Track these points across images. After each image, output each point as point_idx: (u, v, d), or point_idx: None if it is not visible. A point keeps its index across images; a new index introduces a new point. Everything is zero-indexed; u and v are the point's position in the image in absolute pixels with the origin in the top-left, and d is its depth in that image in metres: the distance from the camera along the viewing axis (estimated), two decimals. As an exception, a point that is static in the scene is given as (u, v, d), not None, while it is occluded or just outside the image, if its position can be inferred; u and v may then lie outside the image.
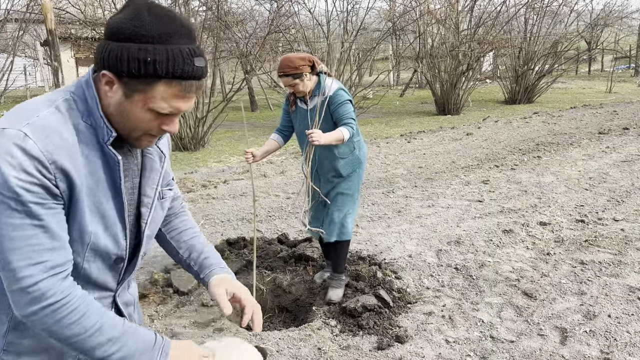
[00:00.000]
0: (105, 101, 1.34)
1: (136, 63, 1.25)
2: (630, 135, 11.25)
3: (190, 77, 1.31)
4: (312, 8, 14.97)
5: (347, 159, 3.99)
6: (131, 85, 1.29)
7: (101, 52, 1.29)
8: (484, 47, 17.06)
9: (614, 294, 4.13)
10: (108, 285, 1.49)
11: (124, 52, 1.25)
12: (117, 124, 1.36)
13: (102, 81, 1.30)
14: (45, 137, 1.25)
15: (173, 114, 1.36)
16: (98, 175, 1.36)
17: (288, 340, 3.58)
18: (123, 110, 1.33)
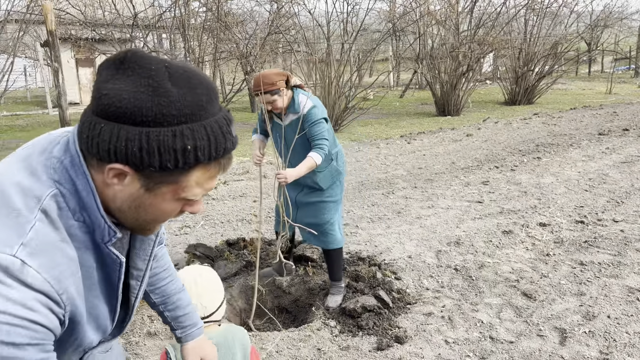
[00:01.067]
0: (107, 193, 1.07)
1: (172, 155, 0.99)
2: (630, 136, 11.25)
3: (229, 152, 1.07)
4: (312, 9, 14.96)
5: (326, 172, 4.00)
6: (156, 178, 1.02)
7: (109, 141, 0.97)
8: (484, 48, 17.06)
9: (613, 294, 4.14)
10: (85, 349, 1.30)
11: (152, 143, 0.97)
12: (125, 218, 1.12)
13: (109, 174, 1.02)
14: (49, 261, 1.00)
15: None
16: (92, 278, 1.14)
17: (288, 341, 3.58)
18: (140, 205, 1.08)
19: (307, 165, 3.68)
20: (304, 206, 4.13)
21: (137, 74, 0.98)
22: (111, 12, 14.36)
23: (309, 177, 3.97)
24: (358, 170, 8.95)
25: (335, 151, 4.04)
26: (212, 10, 12.98)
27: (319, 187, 4.05)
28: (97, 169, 1.04)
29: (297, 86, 3.85)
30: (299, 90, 3.83)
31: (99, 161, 1.02)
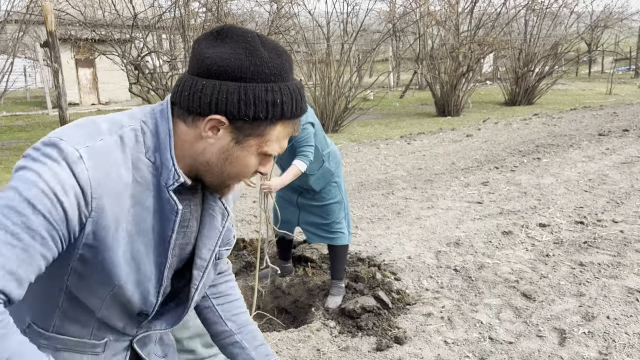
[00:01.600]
0: (197, 147, 1.18)
1: (265, 106, 1.14)
2: (630, 137, 11.26)
3: (303, 113, 1.23)
4: (312, 9, 14.97)
5: (318, 174, 4.00)
6: (246, 129, 1.16)
7: (211, 94, 1.12)
8: (484, 49, 17.07)
9: (612, 295, 4.14)
10: (125, 331, 1.33)
11: (249, 94, 1.12)
12: (211, 172, 1.22)
13: (206, 126, 1.15)
14: (101, 167, 1.10)
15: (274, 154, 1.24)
16: (145, 222, 1.19)
17: (287, 341, 3.58)
18: (229, 157, 1.19)
19: (291, 173, 3.71)
20: (308, 208, 4.15)
21: (234, 41, 1.14)
22: (111, 13, 14.36)
23: (303, 181, 3.97)
24: (358, 171, 8.95)
25: (327, 152, 4.03)
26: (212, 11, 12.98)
27: (314, 190, 4.06)
28: (192, 124, 1.17)
29: None
30: None
31: (196, 116, 1.15)
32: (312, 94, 14.30)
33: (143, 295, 1.25)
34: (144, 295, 1.25)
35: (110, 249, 1.14)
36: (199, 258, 1.35)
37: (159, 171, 1.18)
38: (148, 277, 1.24)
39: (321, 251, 4.94)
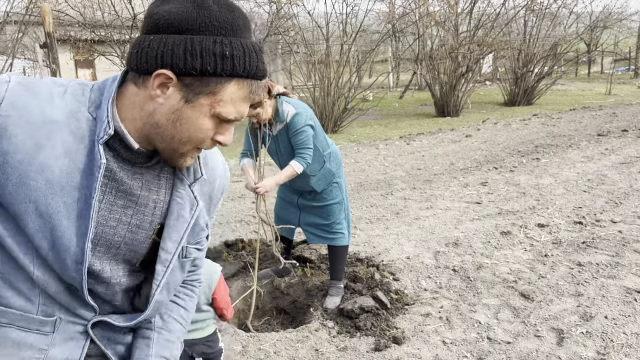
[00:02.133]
0: (147, 108, 1.13)
1: (213, 58, 1.08)
2: (629, 137, 11.26)
3: (259, 77, 1.16)
4: (311, 10, 14.97)
5: (319, 175, 4.00)
6: (196, 87, 1.10)
7: (157, 48, 1.07)
8: (483, 49, 17.08)
9: (610, 295, 4.14)
10: (76, 311, 1.21)
11: (195, 45, 1.07)
12: (162, 136, 1.15)
13: (154, 83, 1.09)
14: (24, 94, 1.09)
15: (233, 121, 1.18)
16: (72, 179, 1.11)
17: (285, 342, 3.59)
18: (179, 118, 1.12)
19: (286, 174, 3.71)
20: (308, 209, 4.15)
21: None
22: (110, 14, 14.37)
23: (304, 182, 3.98)
24: (357, 171, 8.96)
25: (328, 152, 4.03)
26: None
27: (315, 191, 4.06)
28: (142, 85, 1.12)
29: (282, 94, 3.83)
30: (282, 98, 3.80)
31: (145, 75, 1.11)
32: (312, 95, 14.31)
33: (61, 265, 1.13)
34: (62, 265, 1.13)
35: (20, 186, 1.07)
36: (163, 251, 1.26)
37: (95, 126, 1.13)
38: (65, 244, 1.12)
39: (320, 251, 4.95)
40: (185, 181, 1.28)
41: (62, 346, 1.21)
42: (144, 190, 1.22)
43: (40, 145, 1.08)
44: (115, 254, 1.22)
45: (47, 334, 1.18)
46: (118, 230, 1.21)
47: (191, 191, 1.29)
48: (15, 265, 1.13)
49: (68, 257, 1.12)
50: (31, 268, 1.12)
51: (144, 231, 1.25)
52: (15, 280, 1.14)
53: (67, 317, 1.20)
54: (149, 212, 1.24)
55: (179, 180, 1.27)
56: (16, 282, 1.14)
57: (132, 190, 1.21)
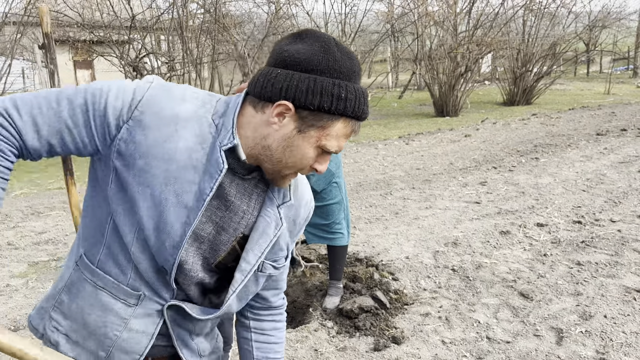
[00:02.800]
0: (262, 131, 1.26)
1: (330, 98, 1.21)
2: (628, 136, 11.27)
3: (363, 118, 1.30)
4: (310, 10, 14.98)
5: (318, 174, 3.99)
6: (310, 120, 1.23)
7: (283, 81, 1.21)
8: (482, 49, 17.09)
9: (610, 294, 4.14)
10: (158, 291, 1.36)
11: (317, 85, 1.21)
12: (270, 158, 1.28)
13: (274, 111, 1.23)
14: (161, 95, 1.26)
15: (332, 153, 1.30)
16: (187, 173, 1.26)
17: (285, 342, 3.58)
18: (289, 145, 1.25)
19: None
20: None
21: (312, 39, 1.24)
22: (109, 14, 14.36)
23: None
24: (356, 171, 8.96)
25: None
26: (210, 12, 12.99)
27: (315, 191, 4.06)
28: (261, 109, 1.26)
29: None
30: None
31: (266, 102, 1.24)
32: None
33: (159, 247, 1.29)
34: (160, 247, 1.29)
35: (136, 167, 1.24)
36: (244, 261, 1.38)
37: (218, 133, 1.27)
38: (168, 230, 1.27)
39: (319, 251, 4.94)
40: (275, 201, 1.39)
41: (141, 319, 1.37)
42: (237, 199, 1.35)
43: (166, 138, 1.24)
44: (199, 248, 1.35)
45: (131, 306, 1.35)
46: (206, 227, 1.34)
47: (278, 212, 1.39)
48: (119, 239, 1.30)
49: (167, 241, 1.28)
50: (130, 244, 1.29)
51: (227, 235, 1.37)
52: (116, 252, 1.32)
53: (150, 295, 1.36)
54: (236, 220, 1.36)
55: (269, 199, 1.39)
56: (116, 254, 1.32)
57: (228, 196, 1.33)
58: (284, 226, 1.41)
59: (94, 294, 1.35)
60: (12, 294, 4.53)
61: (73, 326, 1.38)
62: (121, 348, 1.38)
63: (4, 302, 4.38)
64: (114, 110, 1.22)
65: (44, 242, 5.72)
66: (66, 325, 1.38)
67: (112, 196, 1.28)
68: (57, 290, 1.40)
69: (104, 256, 1.33)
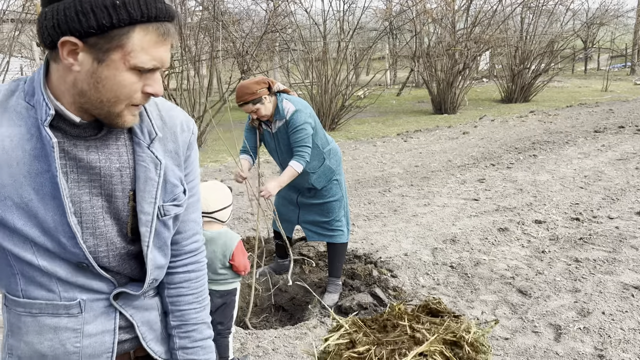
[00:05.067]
0: (68, 80, 1.15)
1: (105, 11, 1.07)
2: (625, 133, 11.28)
3: (164, 18, 1.14)
4: (308, 7, 14.95)
5: (319, 172, 4.01)
6: (102, 45, 1.10)
7: (52, 18, 1.09)
8: (480, 46, 17.08)
9: (608, 291, 4.16)
10: (94, 288, 1.31)
11: (84, 4, 1.06)
12: (93, 102, 1.17)
13: (63, 52, 1.11)
14: None
15: (156, 69, 1.17)
16: (31, 166, 1.17)
17: (284, 339, 3.59)
18: (98, 80, 1.14)
19: (288, 174, 3.72)
20: (308, 206, 4.16)
21: None
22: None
23: (304, 180, 3.98)
24: (355, 169, 8.97)
25: (328, 149, 4.04)
26: (208, 9, 12.96)
27: (315, 188, 4.07)
28: (56, 59, 1.14)
29: (282, 91, 3.83)
30: (283, 95, 3.80)
31: (54, 49, 1.12)
32: (309, 92, 14.31)
33: (60, 247, 1.22)
34: (60, 245, 1.22)
35: None
36: (142, 213, 1.30)
37: (36, 111, 1.17)
38: (52, 225, 1.20)
39: (318, 249, 4.95)
40: (143, 143, 1.30)
41: (94, 323, 1.32)
42: (103, 162, 1.24)
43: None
44: (104, 226, 1.28)
45: (77, 315, 1.30)
46: (94, 203, 1.25)
47: (151, 152, 1.30)
48: (26, 262, 1.23)
49: (61, 236, 1.21)
50: (35, 261, 1.22)
51: (119, 199, 1.29)
52: (32, 275, 1.24)
53: (89, 296, 1.30)
54: (116, 181, 1.27)
55: (137, 144, 1.29)
56: (34, 276, 1.25)
57: (91, 164, 1.23)
58: (164, 163, 1.32)
59: (36, 323, 1.29)
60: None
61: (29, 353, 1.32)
62: (88, 355, 1.33)
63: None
64: None
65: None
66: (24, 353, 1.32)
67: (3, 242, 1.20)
68: (4, 339, 1.34)
69: (24, 284, 1.26)
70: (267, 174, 8.54)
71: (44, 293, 1.27)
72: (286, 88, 3.87)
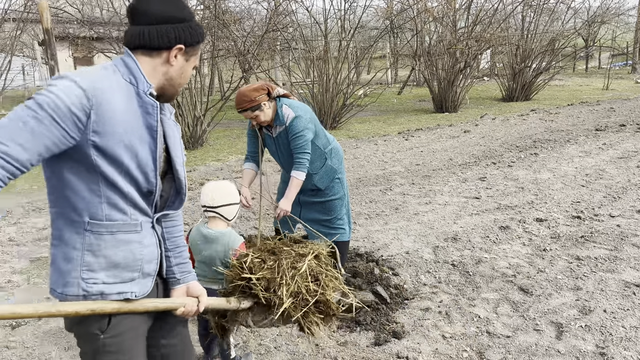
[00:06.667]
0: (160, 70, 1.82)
1: (199, 35, 1.86)
2: (626, 131, 11.28)
3: None
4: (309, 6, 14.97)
5: (321, 172, 4.01)
6: (190, 52, 1.86)
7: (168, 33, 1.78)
8: (481, 45, 17.08)
9: (609, 289, 4.16)
10: (147, 213, 1.86)
11: (193, 28, 1.84)
12: (172, 86, 1.87)
13: (172, 53, 1.80)
14: (92, 81, 1.64)
15: None
16: (136, 121, 1.74)
17: (286, 337, 3.60)
18: (182, 72, 1.87)
19: (294, 186, 3.77)
20: (310, 205, 4.16)
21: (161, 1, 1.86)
22: (109, 11, 14.34)
23: (307, 182, 3.98)
24: (356, 167, 8.97)
25: (329, 149, 4.04)
26: (209, 8, 12.96)
27: (318, 189, 4.07)
28: (157, 55, 1.81)
29: (283, 95, 3.82)
30: (283, 100, 3.79)
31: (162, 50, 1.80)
32: (310, 91, 14.30)
33: (145, 177, 1.79)
34: (146, 176, 1.80)
35: (114, 134, 1.67)
36: (176, 157, 1.93)
37: (135, 85, 1.76)
38: (145, 162, 1.78)
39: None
40: (168, 115, 1.94)
41: (147, 237, 1.89)
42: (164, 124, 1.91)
43: (115, 108, 1.68)
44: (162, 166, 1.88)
45: (139, 232, 1.85)
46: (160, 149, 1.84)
47: (173, 120, 1.94)
48: (114, 190, 1.74)
49: (148, 170, 1.80)
50: (125, 188, 1.76)
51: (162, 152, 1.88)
52: (115, 201, 1.76)
53: (144, 219, 1.86)
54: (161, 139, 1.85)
55: (164, 115, 1.90)
56: (115, 202, 1.76)
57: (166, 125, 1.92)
58: (179, 126, 2.00)
59: (114, 239, 1.78)
60: (14, 290, 4.55)
61: (107, 272, 1.78)
62: (146, 260, 1.87)
63: (6, 299, 4.39)
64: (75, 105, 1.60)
65: (45, 238, 5.73)
66: (101, 276, 1.78)
67: (98, 162, 1.68)
68: (75, 260, 1.75)
69: (107, 209, 1.75)
70: (269, 172, 8.54)
71: (121, 215, 1.78)
72: (287, 92, 3.86)
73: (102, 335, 1.82)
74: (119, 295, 1.81)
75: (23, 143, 1.53)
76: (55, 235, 1.79)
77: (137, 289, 1.87)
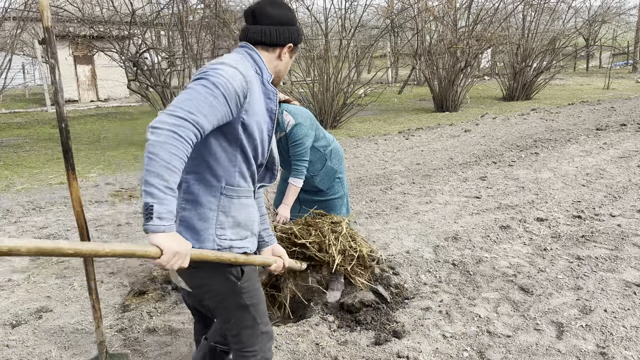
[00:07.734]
0: (274, 64, 2.24)
1: (302, 36, 2.30)
2: (627, 131, 11.27)
3: None
4: (310, 5, 14.96)
5: (322, 173, 4.04)
6: (295, 49, 2.28)
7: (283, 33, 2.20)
8: (482, 44, 17.07)
9: (610, 288, 4.16)
10: (255, 182, 2.25)
11: (300, 32, 2.28)
12: (278, 77, 2.29)
13: (284, 50, 2.23)
14: (246, 68, 2.05)
15: None
16: (262, 104, 2.12)
17: (286, 336, 3.59)
18: (287, 65, 2.29)
19: (292, 193, 3.84)
20: (310, 203, 4.17)
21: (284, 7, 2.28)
22: (109, 9, 14.33)
23: (308, 183, 4.00)
24: (356, 167, 8.97)
25: (329, 150, 4.05)
26: (210, 7, 12.96)
27: (318, 189, 4.09)
28: (272, 51, 2.23)
29: (284, 101, 3.83)
30: (283, 106, 3.81)
31: (277, 47, 2.23)
32: (311, 90, 14.30)
33: (262, 150, 2.19)
34: (263, 150, 2.20)
35: (254, 114, 2.07)
36: (274, 138, 2.26)
37: (260, 75, 2.16)
38: (264, 138, 2.18)
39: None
40: None
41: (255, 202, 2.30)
42: None
43: (255, 92, 2.08)
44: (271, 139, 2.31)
45: (252, 197, 2.26)
46: None
47: None
48: (246, 161, 2.14)
49: (265, 145, 2.19)
50: (251, 159, 2.15)
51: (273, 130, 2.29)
52: (244, 171, 2.15)
53: (254, 187, 2.27)
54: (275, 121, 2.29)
55: None
56: (244, 172, 2.16)
57: None
58: None
59: (240, 203, 2.16)
60: (14, 289, 4.54)
61: (233, 230, 2.16)
62: (256, 221, 2.29)
63: (6, 297, 4.39)
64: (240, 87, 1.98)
65: (45, 237, 5.73)
66: (229, 233, 2.14)
67: (241, 137, 2.06)
68: (211, 220, 2.09)
69: (238, 178, 2.13)
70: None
71: (245, 184, 2.18)
72: (288, 98, 3.87)
73: (239, 282, 2.22)
74: (239, 250, 2.18)
75: (207, 114, 1.87)
76: (189, 199, 2.08)
77: (250, 245, 2.26)
